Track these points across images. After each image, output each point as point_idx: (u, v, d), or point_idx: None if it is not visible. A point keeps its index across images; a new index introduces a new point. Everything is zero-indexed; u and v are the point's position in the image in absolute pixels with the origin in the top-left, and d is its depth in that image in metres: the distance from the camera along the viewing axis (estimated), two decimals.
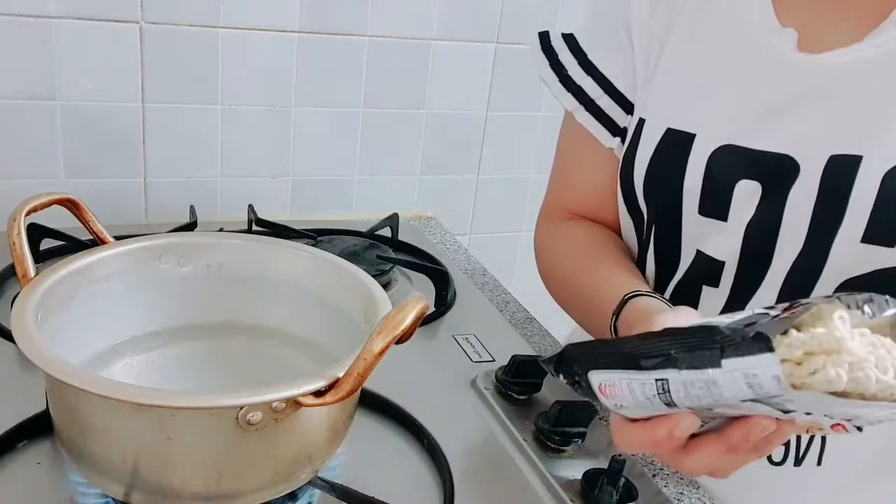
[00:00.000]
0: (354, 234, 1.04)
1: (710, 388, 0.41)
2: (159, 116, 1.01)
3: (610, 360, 0.46)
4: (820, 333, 0.38)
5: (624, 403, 0.46)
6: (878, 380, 0.37)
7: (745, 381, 0.39)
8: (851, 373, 0.37)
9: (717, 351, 0.40)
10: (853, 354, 0.37)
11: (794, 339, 0.38)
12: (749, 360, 0.39)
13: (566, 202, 0.79)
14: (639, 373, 0.44)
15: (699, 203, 0.62)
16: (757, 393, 0.39)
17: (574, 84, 0.73)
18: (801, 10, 0.60)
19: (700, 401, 0.42)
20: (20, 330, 0.49)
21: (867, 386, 0.37)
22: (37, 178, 0.98)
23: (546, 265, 0.78)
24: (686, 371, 0.42)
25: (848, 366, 0.37)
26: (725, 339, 0.40)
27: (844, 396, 0.38)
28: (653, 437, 0.46)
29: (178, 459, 0.48)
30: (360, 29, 1.07)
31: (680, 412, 0.45)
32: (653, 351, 0.43)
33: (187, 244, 0.65)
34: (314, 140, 1.11)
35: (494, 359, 0.80)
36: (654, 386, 0.43)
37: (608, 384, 0.46)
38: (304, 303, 0.65)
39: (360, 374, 0.46)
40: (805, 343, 0.38)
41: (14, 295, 0.62)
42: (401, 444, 0.65)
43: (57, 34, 0.93)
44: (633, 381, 0.44)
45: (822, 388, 0.37)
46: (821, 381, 0.37)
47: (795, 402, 0.40)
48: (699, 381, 0.41)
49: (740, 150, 0.60)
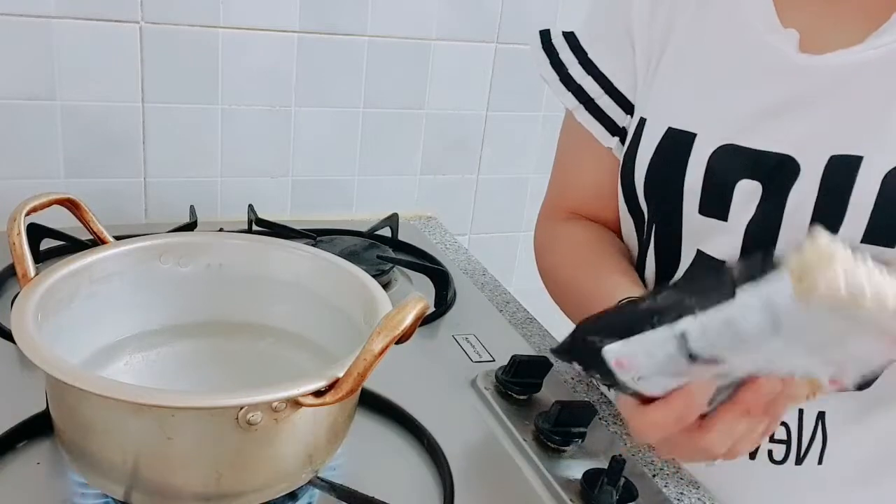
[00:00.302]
0: (354, 234, 1.04)
1: (729, 325, 0.41)
2: (159, 116, 1.01)
3: (624, 325, 0.46)
4: (813, 249, 0.40)
5: (643, 373, 0.46)
6: (871, 284, 0.39)
7: (762, 307, 0.40)
8: (846, 279, 0.39)
9: (728, 284, 0.41)
10: (846, 261, 0.39)
11: (793, 260, 0.40)
12: (762, 284, 0.40)
13: (566, 201, 0.79)
14: (654, 331, 0.44)
15: (699, 203, 0.62)
16: (773, 316, 0.40)
17: (574, 83, 0.73)
18: (803, 11, 0.60)
19: (720, 344, 0.42)
20: (20, 330, 0.49)
21: (862, 295, 0.39)
22: (37, 178, 0.98)
23: (546, 265, 0.78)
24: (702, 314, 0.42)
25: (843, 272, 0.39)
26: (734, 270, 0.41)
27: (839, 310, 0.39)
28: (671, 412, 0.47)
29: (178, 459, 0.48)
30: (360, 29, 1.07)
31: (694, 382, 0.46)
32: (665, 305, 0.44)
33: (187, 244, 0.65)
34: (314, 140, 1.11)
35: (494, 359, 0.80)
36: (673, 341, 0.43)
37: (625, 355, 0.46)
38: (304, 303, 0.65)
39: (360, 374, 0.46)
40: (802, 260, 0.40)
41: (14, 295, 0.62)
42: (401, 444, 0.65)
43: (57, 34, 0.93)
44: (651, 344, 0.44)
45: (825, 298, 0.39)
46: (822, 288, 0.39)
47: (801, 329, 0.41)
48: (716, 320, 0.42)
49: (741, 149, 0.60)
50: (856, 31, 0.57)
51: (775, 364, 0.45)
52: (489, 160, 1.24)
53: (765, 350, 0.43)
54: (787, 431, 0.65)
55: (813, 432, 0.65)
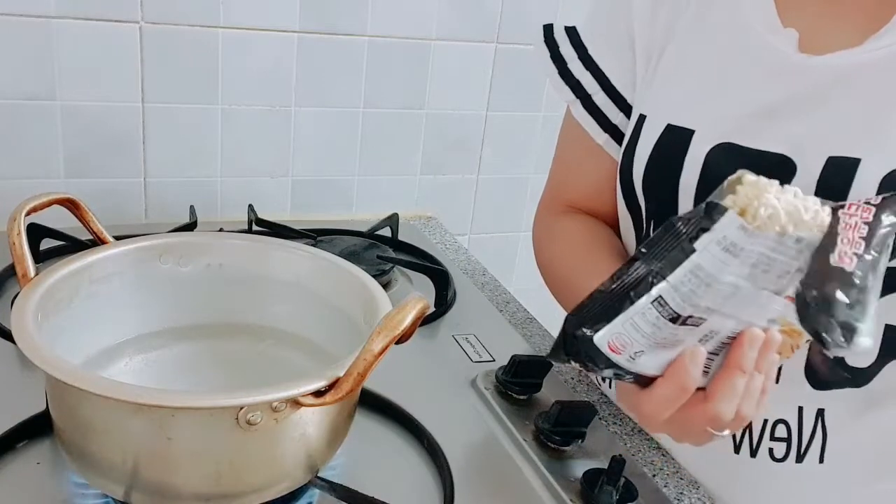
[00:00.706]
0: (354, 234, 1.04)
1: (698, 275, 0.45)
2: (159, 116, 1.01)
3: (605, 309, 0.47)
4: (744, 184, 0.45)
5: (637, 347, 0.47)
6: (805, 208, 0.45)
7: (720, 248, 0.44)
8: (781, 200, 0.44)
9: (684, 240, 0.45)
10: (773, 190, 0.45)
11: (730, 200, 0.45)
12: (714, 227, 0.44)
13: (564, 195, 0.79)
14: (634, 305, 0.46)
15: (694, 199, 0.62)
16: (731, 252, 0.44)
17: (573, 78, 0.73)
18: (804, 12, 0.60)
19: (697, 296, 0.45)
20: (20, 330, 0.49)
21: (800, 215, 0.45)
22: (37, 178, 0.98)
23: (543, 259, 0.78)
24: (671, 275, 0.45)
25: (776, 197, 0.44)
26: (686, 225, 0.45)
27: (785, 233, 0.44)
28: (672, 384, 0.48)
29: (178, 459, 0.48)
30: (360, 29, 1.07)
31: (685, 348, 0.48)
32: (636, 278, 0.46)
33: (187, 244, 0.65)
34: (314, 140, 1.11)
35: (494, 359, 0.80)
36: (653, 310, 0.46)
37: (615, 337, 0.47)
38: (304, 303, 0.65)
39: (360, 374, 0.46)
40: (741, 194, 0.45)
41: (14, 295, 0.62)
42: (401, 444, 0.65)
43: (57, 34, 0.93)
44: (634, 318, 0.46)
45: (771, 221, 0.44)
46: (764, 215, 0.44)
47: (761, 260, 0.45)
48: (686, 275, 0.45)
49: (738, 148, 0.60)
50: (856, 33, 0.57)
51: (752, 315, 0.47)
52: (489, 160, 1.24)
53: (736, 296, 0.46)
54: (787, 429, 0.65)
55: (813, 430, 0.65)
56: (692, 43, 0.66)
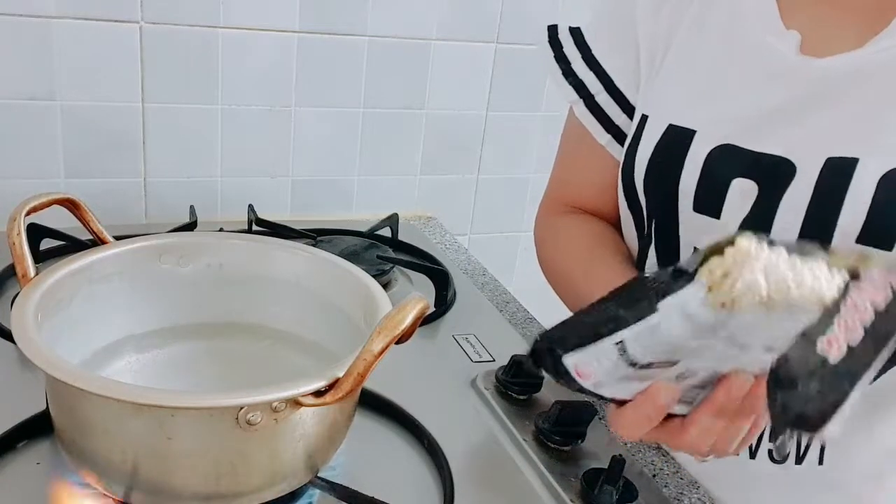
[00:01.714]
0: (354, 234, 1.04)
1: (656, 333, 0.42)
2: (159, 116, 1.01)
3: (576, 338, 0.46)
4: (731, 250, 0.40)
5: (600, 379, 0.47)
6: (797, 284, 0.39)
7: (681, 315, 0.41)
8: (768, 276, 0.39)
9: (652, 296, 0.42)
10: (763, 259, 0.39)
11: (712, 262, 0.40)
12: (679, 294, 0.41)
13: (566, 195, 0.79)
14: (600, 342, 0.45)
15: (693, 200, 0.62)
16: (694, 324, 0.41)
17: (576, 78, 0.73)
18: (805, 13, 0.60)
19: (656, 350, 0.43)
20: (20, 330, 0.49)
21: (788, 291, 0.39)
22: (37, 178, 0.98)
23: (545, 257, 0.78)
24: (634, 325, 0.43)
25: (763, 270, 0.39)
26: (655, 283, 0.43)
27: (773, 309, 0.39)
28: (639, 412, 0.48)
29: (178, 459, 0.48)
30: (360, 29, 1.07)
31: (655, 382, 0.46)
32: (604, 317, 0.45)
33: (187, 244, 0.65)
34: (314, 140, 1.11)
35: (494, 359, 0.80)
36: (614, 349, 0.44)
37: (582, 364, 0.46)
38: (304, 303, 0.65)
39: (360, 374, 0.46)
40: (721, 263, 0.40)
41: (14, 295, 0.62)
42: (401, 444, 0.65)
43: (57, 34, 0.93)
44: (598, 353, 0.45)
45: (748, 299, 0.39)
46: (743, 290, 0.39)
47: (740, 331, 0.41)
48: (646, 330, 0.43)
49: (738, 150, 0.60)
50: (857, 35, 0.57)
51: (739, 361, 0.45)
52: (489, 160, 1.24)
53: (707, 353, 0.44)
54: None
55: None
56: (694, 43, 0.66)
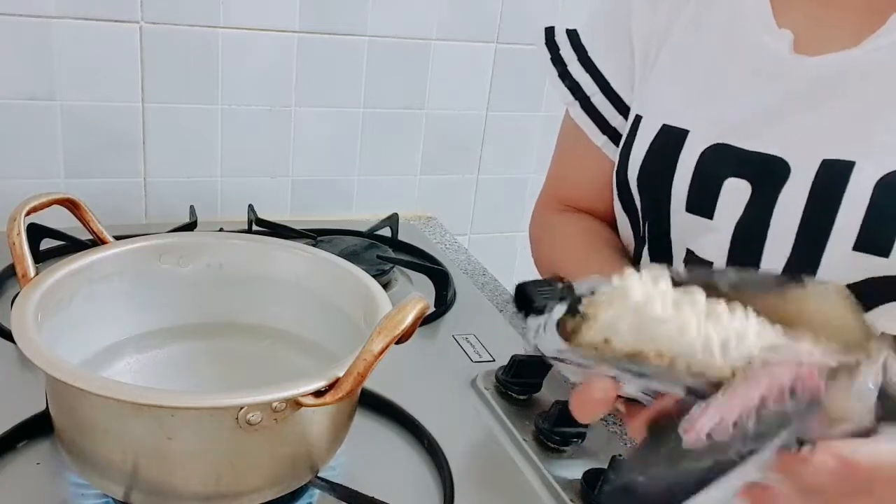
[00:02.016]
0: (354, 234, 1.04)
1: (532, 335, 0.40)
2: (159, 116, 1.01)
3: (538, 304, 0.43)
4: (610, 288, 0.35)
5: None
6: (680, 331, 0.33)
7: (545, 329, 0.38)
8: (638, 316, 0.33)
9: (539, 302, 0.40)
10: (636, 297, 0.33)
11: (592, 298, 0.36)
12: (547, 312, 0.38)
13: (562, 194, 0.79)
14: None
15: (686, 200, 0.62)
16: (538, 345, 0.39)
17: (572, 79, 0.73)
18: (799, 13, 0.60)
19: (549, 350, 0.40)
20: (20, 330, 0.49)
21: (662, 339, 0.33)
22: (37, 178, 0.98)
23: (540, 256, 0.78)
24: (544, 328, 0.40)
25: (633, 309, 0.33)
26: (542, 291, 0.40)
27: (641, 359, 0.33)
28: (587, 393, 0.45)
29: (178, 459, 0.48)
30: (360, 29, 1.07)
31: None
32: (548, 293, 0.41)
33: (187, 244, 0.65)
34: (314, 140, 1.11)
35: (494, 359, 0.80)
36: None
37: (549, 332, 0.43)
38: (304, 303, 0.65)
39: (360, 374, 0.46)
40: (595, 299, 0.35)
41: (14, 295, 0.62)
42: (401, 444, 0.65)
43: (57, 34, 0.93)
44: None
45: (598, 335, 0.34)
46: (598, 329, 0.34)
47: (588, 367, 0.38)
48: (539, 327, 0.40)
49: (731, 149, 0.60)
50: (851, 34, 0.57)
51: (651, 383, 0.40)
52: (489, 160, 1.24)
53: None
54: None
55: None
56: (691, 43, 0.66)
